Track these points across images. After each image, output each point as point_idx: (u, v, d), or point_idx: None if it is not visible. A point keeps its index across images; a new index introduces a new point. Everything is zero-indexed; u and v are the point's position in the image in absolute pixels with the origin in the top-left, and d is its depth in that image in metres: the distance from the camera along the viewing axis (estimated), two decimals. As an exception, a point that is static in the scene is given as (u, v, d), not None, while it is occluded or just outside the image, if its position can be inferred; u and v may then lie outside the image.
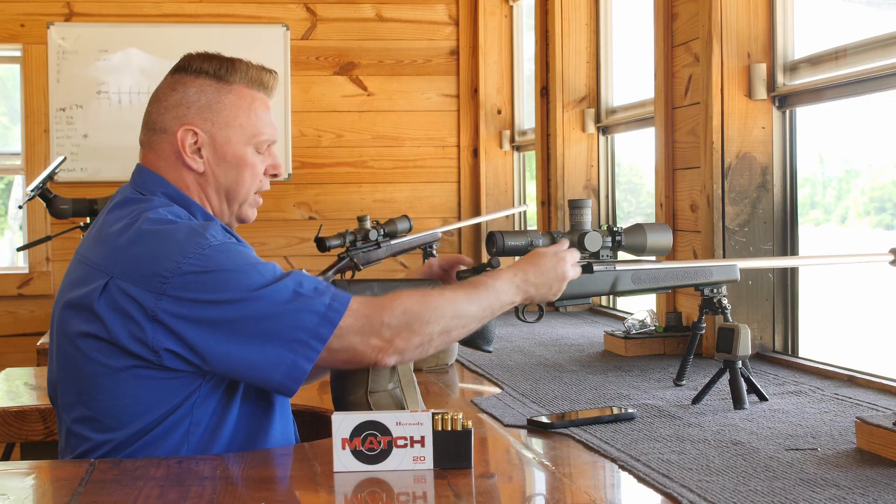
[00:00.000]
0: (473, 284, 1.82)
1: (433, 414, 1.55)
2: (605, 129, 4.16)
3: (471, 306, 1.77)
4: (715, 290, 2.17)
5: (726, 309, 2.17)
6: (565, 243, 2.00)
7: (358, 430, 1.54)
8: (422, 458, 1.55)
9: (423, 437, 1.54)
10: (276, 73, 1.92)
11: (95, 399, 1.72)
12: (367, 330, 1.69)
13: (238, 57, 1.89)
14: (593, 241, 2.06)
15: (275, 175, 1.92)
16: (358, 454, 1.54)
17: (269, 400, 1.81)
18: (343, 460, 1.54)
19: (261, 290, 1.66)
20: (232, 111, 1.84)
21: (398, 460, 1.54)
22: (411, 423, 1.54)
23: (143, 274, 1.67)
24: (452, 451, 1.55)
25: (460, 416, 1.56)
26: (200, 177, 1.85)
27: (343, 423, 1.54)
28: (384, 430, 1.54)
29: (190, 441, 1.73)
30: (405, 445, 1.54)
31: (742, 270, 2.20)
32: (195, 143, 1.83)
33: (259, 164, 1.88)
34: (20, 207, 5.30)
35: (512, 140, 5.32)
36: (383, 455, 1.54)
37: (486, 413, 2.07)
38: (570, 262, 1.94)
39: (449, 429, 1.55)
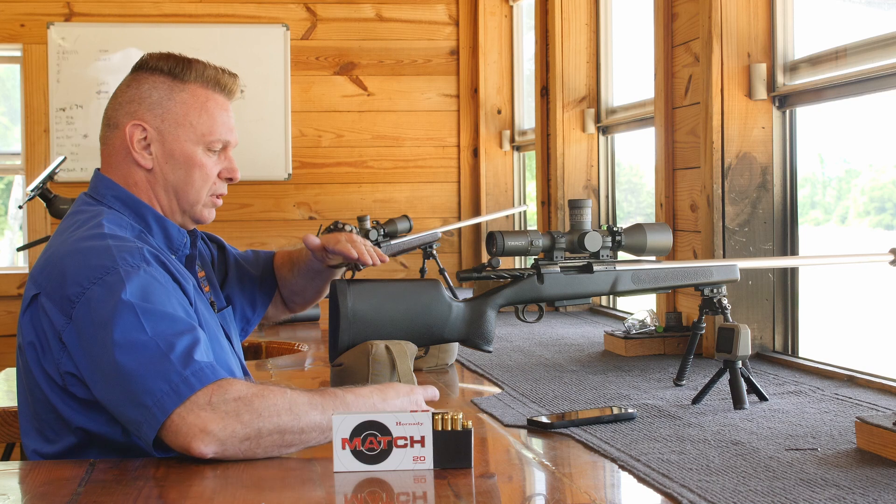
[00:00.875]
0: (322, 392, 1.64)
1: (433, 414, 1.55)
2: (605, 129, 4.16)
3: (313, 411, 1.59)
4: (715, 290, 2.17)
5: (726, 309, 2.17)
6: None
7: (358, 430, 1.54)
8: (422, 458, 1.55)
9: (423, 437, 1.54)
10: (235, 75, 1.89)
11: (36, 409, 1.72)
12: (189, 404, 1.54)
13: (198, 58, 1.87)
14: (593, 241, 2.06)
15: (230, 179, 1.89)
16: (358, 454, 1.54)
17: None
18: (343, 460, 1.54)
19: (136, 342, 1.58)
20: (183, 109, 1.82)
21: (398, 460, 1.54)
22: (411, 423, 1.54)
23: (59, 294, 1.66)
24: (452, 451, 1.55)
25: (460, 416, 1.56)
26: (149, 174, 1.84)
27: (343, 423, 1.53)
28: (384, 430, 1.54)
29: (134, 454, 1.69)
30: (405, 445, 1.54)
31: (742, 270, 2.20)
32: (144, 138, 1.82)
33: (211, 166, 1.85)
34: (20, 207, 5.31)
35: (512, 140, 5.32)
36: (383, 455, 1.54)
37: (486, 413, 2.07)
38: (421, 394, 1.74)
39: (449, 429, 1.55)
